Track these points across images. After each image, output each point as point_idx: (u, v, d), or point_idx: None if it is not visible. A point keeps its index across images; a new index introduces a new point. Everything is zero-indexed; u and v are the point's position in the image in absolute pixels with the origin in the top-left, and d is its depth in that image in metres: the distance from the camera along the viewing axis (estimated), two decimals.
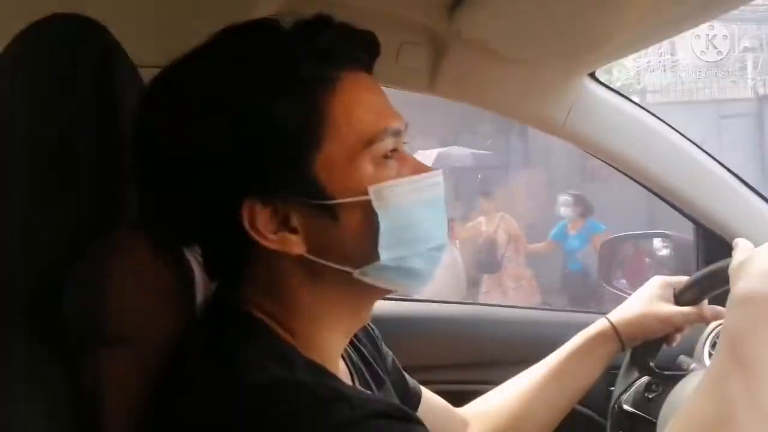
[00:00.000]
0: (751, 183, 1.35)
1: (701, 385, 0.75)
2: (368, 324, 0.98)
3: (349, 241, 0.72)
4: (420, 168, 0.76)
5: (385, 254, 0.71)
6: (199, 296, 0.83)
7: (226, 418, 0.64)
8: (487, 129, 9.73)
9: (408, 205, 0.73)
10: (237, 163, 0.68)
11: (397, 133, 0.74)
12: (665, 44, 12.76)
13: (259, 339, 0.70)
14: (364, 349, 0.94)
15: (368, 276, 0.73)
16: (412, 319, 1.50)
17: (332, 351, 0.77)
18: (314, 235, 0.71)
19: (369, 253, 0.72)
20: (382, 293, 0.78)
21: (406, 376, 1.04)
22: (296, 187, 0.69)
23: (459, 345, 1.49)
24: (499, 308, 1.69)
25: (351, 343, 0.89)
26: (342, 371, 0.83)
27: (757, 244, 0.87)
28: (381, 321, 1.04)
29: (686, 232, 1.50)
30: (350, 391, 0.70)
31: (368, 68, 0.77)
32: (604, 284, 1.57)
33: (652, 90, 12.32)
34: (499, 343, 1.48)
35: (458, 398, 1.14)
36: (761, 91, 11.40)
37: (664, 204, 1.37)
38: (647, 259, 1.63)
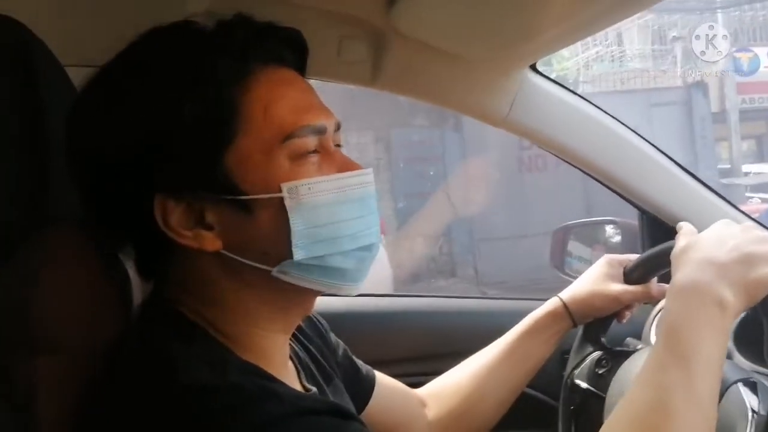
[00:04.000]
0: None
1: (641, 373, 0.77)
2: (314, 316, 0.99)
3: (264, 237, 0.71)
4: (347, 166, 0.75)
5: (299, 253, 0.71)
6: (137, 298, 0.82)
7: (156, 420, 0.63)
8: (421, 121, 9.78)
9: (328, 203, 0.72)
10: (147, 160, 0.69)
11: (321, 131, 0.74)
12: (611, 35, 13.08)
13: (193, 342, 0.69)
14: (310, 345, 0.94)
15: (287, 275, 0.72)
16: (365, 315, 1.50)
17: (270, 350, 0.76)
18: (230, 231, 0.71)
19: (283, 251, 0.71)
20: (312, 292, 0.77)
21: (358, 362, 1.05)
22: (208, 182, 0.70)
23: (413, 338, 1.50)
24: (452, 299, 1.69)
25: (297, 339, 0.90)
26: (288, 369, 0.82)
27: (697, 227, 0.89)
28: (332, 317, 1.05)
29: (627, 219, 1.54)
30: (282, 388, 0.70)
31: (296, 65, 0.77)
32: (556, 270, 1.59)
33: (584, 80, 12.60)
34: (453, 334, 1.49)
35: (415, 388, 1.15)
36: (690, 79, 11.77)
37: (600, 193, 1.40)
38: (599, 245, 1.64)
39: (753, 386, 0.89)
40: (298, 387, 0.81)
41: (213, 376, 0.65)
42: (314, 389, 0.84)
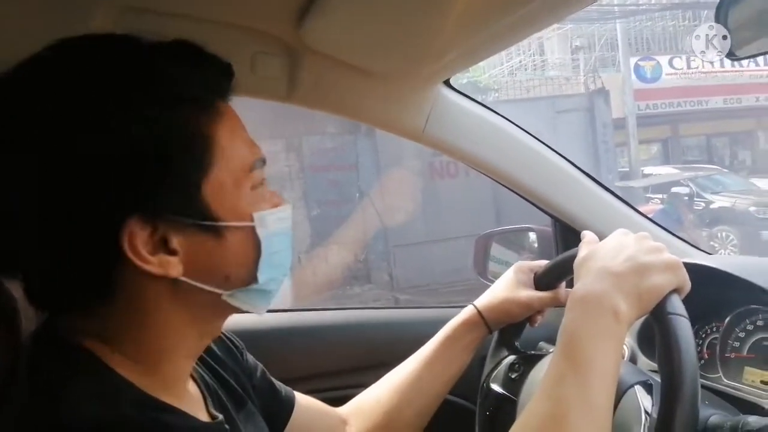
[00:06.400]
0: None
1: (541, 384, 0.80)
2: (229, 336, 0.99)
3: (229, 263, 0.74)
4: (279, 200, 0.81)
5: (262, 277, 0.76)
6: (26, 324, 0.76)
7: None
8: (333, 128, 9.77)
9: (282, 232, 0.79)
10: (124, 182, 0.66)
11: (264, 164, 0.79)
12: (534, 45, 13.43)
13: (87, 374, 0.68)
14: (222, 369, 0.93)
15: (236, 298, 0.76)
16: (282, 330, 1.49)
17: (176, 375, 0.77)
18: (194, 257, 0.71)
19: (249, 275, 0.76)
20: (232, 313, 0.80)
21: (277, 383, 1.05)
22: (182, 208, 0.69)
23: (334, 352, 1.50)
24: (371, 311, 1.70)
25: (206, 364, 0.90)
26: (193, 395, 0.82)
27: (603, 233, 0.92)
28: (248, 335, 1.04)
29: (538, 224, 1.59)
30: (177, 420, 0.70)
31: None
32: (479, 277, 1.61)
33: (495, 88, 12.91)
34: (374, 345, 1.51)
35: (338, 404, 1.16)
36: (592, 86, 12.24)
37: (508, 197, 1.43)
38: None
39: (649, 388, 0.92)
40: (203, 414, 0.81)
41: (103, 410, 0.64)
42: (221, 416, 0.83)
